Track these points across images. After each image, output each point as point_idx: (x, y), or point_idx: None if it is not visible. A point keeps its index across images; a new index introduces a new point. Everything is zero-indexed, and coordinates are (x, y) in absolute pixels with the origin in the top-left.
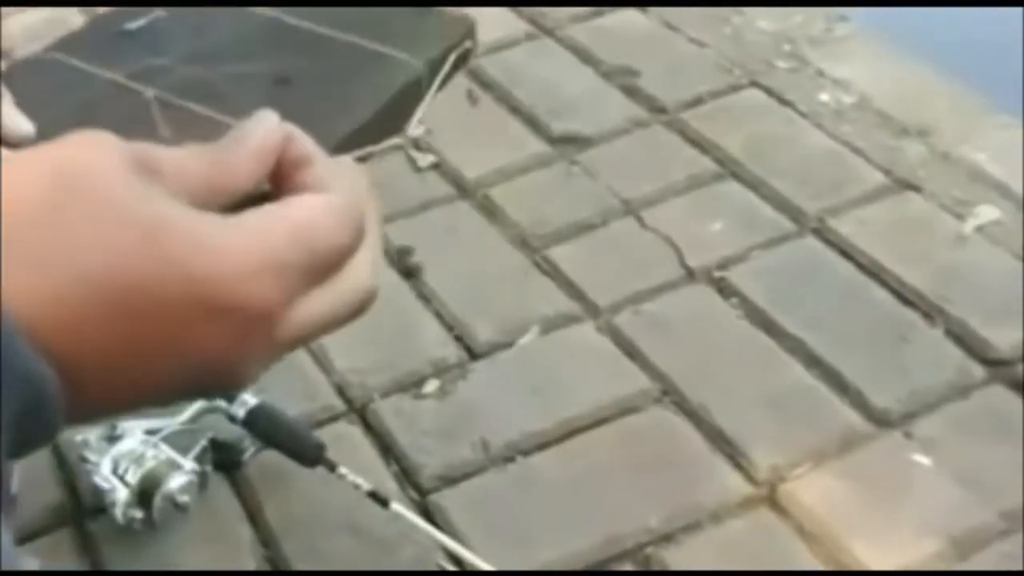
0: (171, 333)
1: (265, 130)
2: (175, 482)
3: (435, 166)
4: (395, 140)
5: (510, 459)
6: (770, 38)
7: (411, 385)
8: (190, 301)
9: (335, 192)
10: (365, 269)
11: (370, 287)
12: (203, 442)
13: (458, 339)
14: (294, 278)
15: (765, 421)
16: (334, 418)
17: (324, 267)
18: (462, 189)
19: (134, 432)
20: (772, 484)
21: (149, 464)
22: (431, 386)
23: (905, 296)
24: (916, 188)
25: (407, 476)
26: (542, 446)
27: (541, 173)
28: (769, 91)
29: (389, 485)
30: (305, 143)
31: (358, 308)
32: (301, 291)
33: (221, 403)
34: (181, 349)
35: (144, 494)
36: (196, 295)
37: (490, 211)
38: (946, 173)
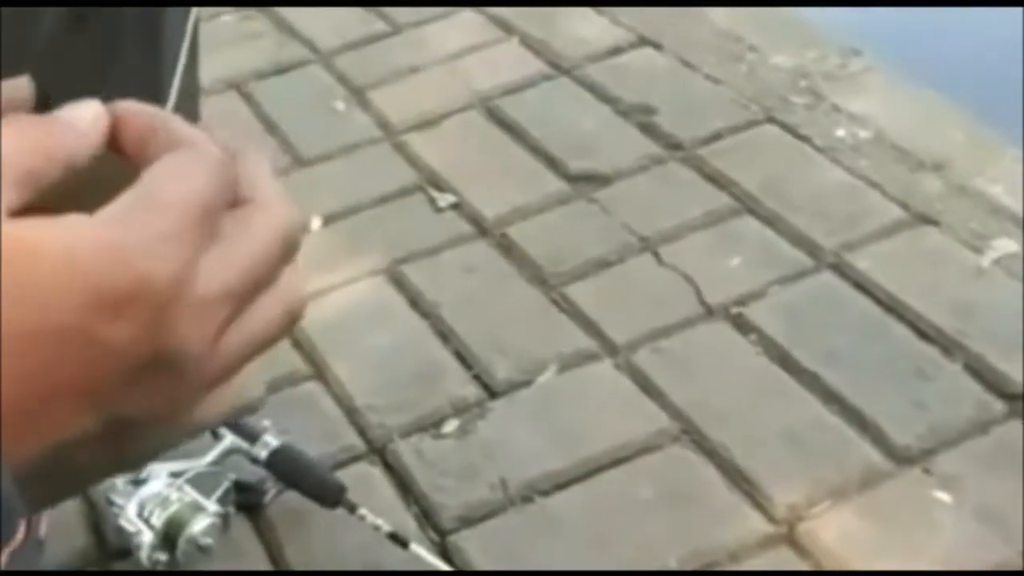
0: (73, 347)
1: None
2: (199, 525)
3: (455, 206)
4: None
5: (529, 499)
6: (785, 74)
7: (431, 425)
8: (81, 305)
9: (188, 144)
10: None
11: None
12: (226, 484)
13: (477, 378)
14: (182, 240)
15: (784, 458)
16: (355, 459)
17: (207, 211)
18: (481, 228)
19: (159, 474)
20: (791, 523)
21: (174, 507)
22: (451, 425)
23: (923, 331)
24: (933, 222)
25: (427, 517)
26: (561, 486)
27: (559, 211)
28: (785, 126)
29: (409, 526)
30: (147, 115)
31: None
32: (198, 249)
33: (244, 444)
34: (89, 356)
35: (168, 537)
36: (87, 292)
37: (508, 249)
38: (963, 206)
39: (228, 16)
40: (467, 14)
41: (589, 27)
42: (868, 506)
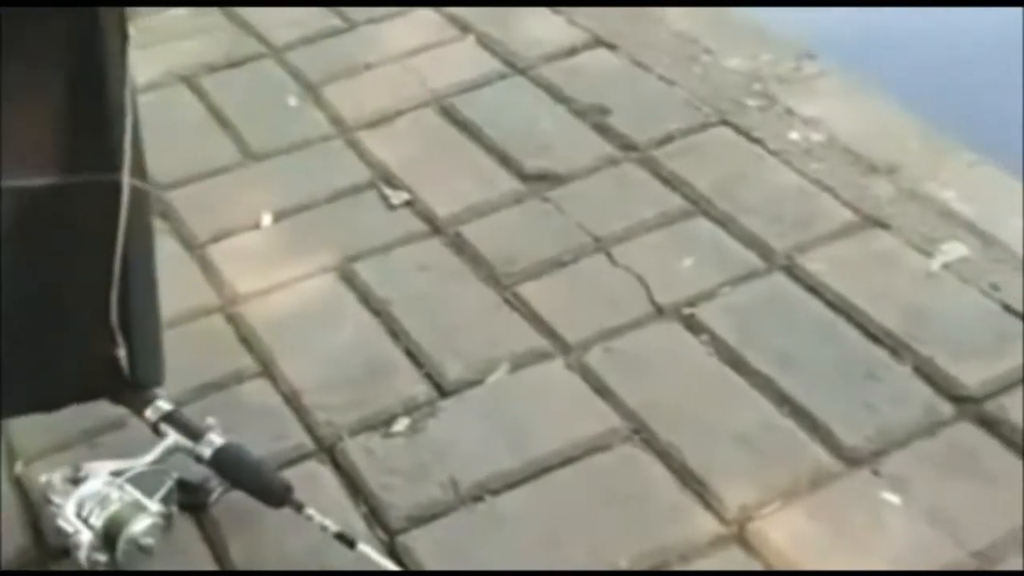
0: None
1: None
2: (140, 525)
3: (408, 203)
4: None
5: (479, 498)
6: (739, 77)
7: (380, 423)
8: None
9: None
10: None
11: None
12: (169, 483)
13: (428, 376)
14: None
15: (734, 459)
16: (303, 457)
17: None
18: (434, 226)
19: (99, 473)
20: (741, 523)
21: (114, 506)
22: (401, 424)
23: (873, 333)
24: (884, 225)
25: (376, 516)
26: (511, 485)
27: (513, 210)
28: (738, 129)
29: (357, 525)
30: None
31: None
32: None
33: (188, 443)
34: None
35: (108, 537)
36: None
37: (461, 248)
38: (914, 210)
39: (181, 9)
40: (424, 12)
41: (545, 27)
42: (818, 507)
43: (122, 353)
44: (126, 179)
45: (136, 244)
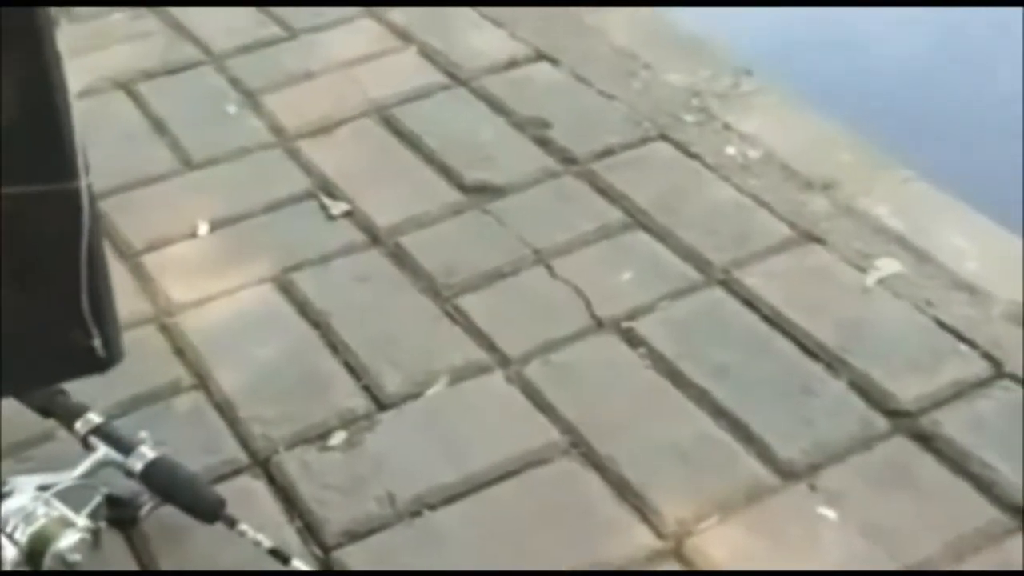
0: None
1: None
2: (66, 540)
3: (347, 214)
4: None
5: (417, 513)
6: (678, 92)
7: (317, 437)
8: None
9: None
10: None
11: None
12: (98, 498)
13: (366, 389)
14: None
15: (672, 472)
16: (237, 471)
17: None
18: (373, 237)
19: (25, 488)
20: (679, 537)
21: (40, 522)
22: (338, 438)
23: (809, 348)
24: (820, 241)
25: (311, 532)
26: (449, 500)
27: (453, 222)
28: (677, 144)
29: (292, 541)
30: None
31: None
32: None
33: (118, 456)
34: None
35: (33, 553)
36: None
37: (401, 259)
38: (849, 226)
39: (119, 14)
40: (365, 22)
41: (487, 39)
42: (755, 521)
43: (97, 343)
44: (84, 183)
45: (95, 237)
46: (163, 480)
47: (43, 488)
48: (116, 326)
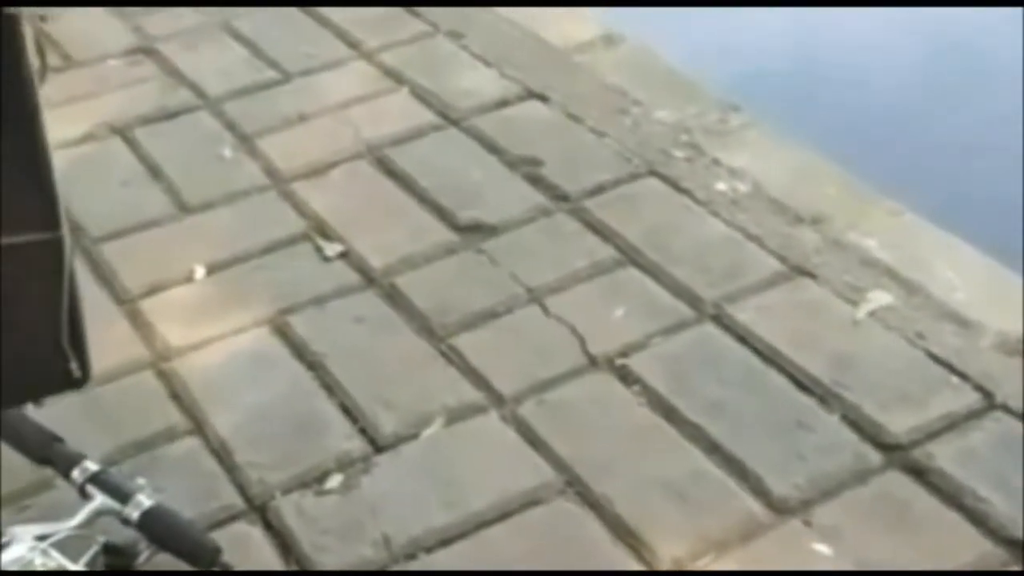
0: None
1: None
2: None
3: (342, 255)
4: None
5: (412, 556)
6: (667, 128)
7: (313, 481)
8: None
9: None
10: None
11: None
12: (95, 547)
13: (362, 431)
14: None
15: (667, 510)
16: (233, 518)
17: None
18: (368, 278)
19: (23, 538)
20: None
21: (37, 572)
22: (334, 481)
23: (802, 382)
24: (811, 275)
25: None
26: (445, 542)
27: (447, 261)
28: (667, 180)
29: None
30: None
31: None
32: None
33: (115, 505)
34: None
35: None
36: None
37: (396, 300)
38: (839, 259)
39: (114, 60)
40: (358, 64)
41: (478, 79)
42: (750, 558)
43: (74, 366)
44: (66, 230)
45: (73, 277)
46: (160, 528)
47: (41, 538)
48: (88, 349)
